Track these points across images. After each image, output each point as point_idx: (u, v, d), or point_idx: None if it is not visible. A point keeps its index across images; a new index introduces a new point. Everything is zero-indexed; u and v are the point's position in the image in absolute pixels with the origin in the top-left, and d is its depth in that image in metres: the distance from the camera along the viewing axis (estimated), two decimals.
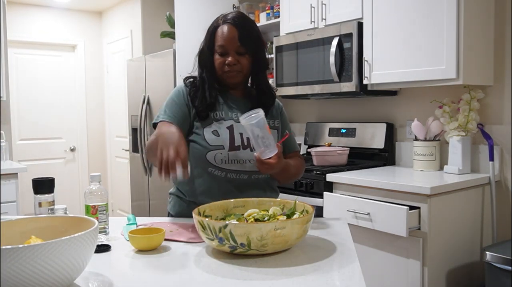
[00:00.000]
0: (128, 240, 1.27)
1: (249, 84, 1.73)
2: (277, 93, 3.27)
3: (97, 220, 1.19)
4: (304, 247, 1.24)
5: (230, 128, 1.59)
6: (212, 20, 1.68)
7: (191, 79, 1.68)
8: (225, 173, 1.57)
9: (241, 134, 1.59)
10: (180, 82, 1.74)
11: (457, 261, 2.35)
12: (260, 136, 1.42)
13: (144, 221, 1.55)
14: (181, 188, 1.67)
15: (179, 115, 1.58)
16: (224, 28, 1.58)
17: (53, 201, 1.42)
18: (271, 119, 1.69)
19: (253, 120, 1.40)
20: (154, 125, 1.58)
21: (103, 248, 1.23)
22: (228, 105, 1.65)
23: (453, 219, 2.32)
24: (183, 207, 1.65)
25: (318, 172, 2.68)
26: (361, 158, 3.07)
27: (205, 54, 1.63)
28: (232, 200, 1.39)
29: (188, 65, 1.79)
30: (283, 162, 1.52)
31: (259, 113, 1.43)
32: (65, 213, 1.48)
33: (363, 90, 2.77)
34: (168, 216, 1.72)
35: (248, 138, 1.57)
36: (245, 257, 1.14)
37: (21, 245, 0.83)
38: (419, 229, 2.20)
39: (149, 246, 1.22)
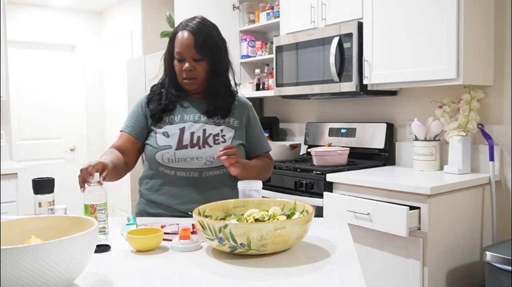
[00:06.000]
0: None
1: None
2: (277, 93, 3.30)
3: (96, 219, 1.20)
4: (304, 247, 1.24)
5: (182, 129, 1.65)
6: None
7: (155, 86, 1.78)
8: (174, 171, 1.63)
9: (192, 133, 1.64)
10: None
11: (457, 261, 2.35)
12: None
13: (144, 221, 1.55)
14: (142, 188, 1.75)
15: (136, 125, 1.70)
16: (182, 35, 1.65)
17: (53, 201, 1.42)
18: (232, 118, 1.72)
19: (251, 186, 1.48)
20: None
21: (103, 248, 1.23)
22: (184, 108, 1.70)
23: (453, 219, 2.32)
24: (143, 206, 1.73)
25: (318, 172, 2.68)
26: (361, 158, 3.07)
27: (166, 60, 1.71)
28: (232, 200, 1.39)
29: None
30: (243, 163, 1.60)
31: (258, 184, 1.49)
32: (65, 213, 1.48)
33: (363, 90, 2.77)
34: None
35: (198, 137, 1.64)
36: (245, 257, 1.14)
37: (21, 245, 0.83)
38: (419, 229, 2.20)
39: (147, 246, 1.22)
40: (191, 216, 1.58)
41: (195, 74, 1.65)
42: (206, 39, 1.63)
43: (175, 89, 1.71)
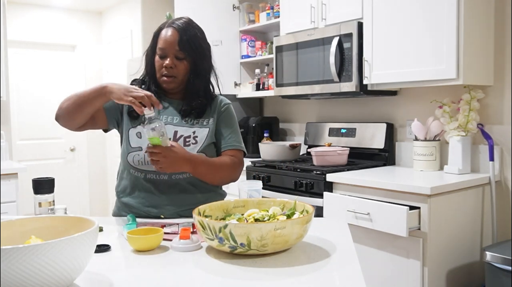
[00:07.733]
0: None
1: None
2: (277, 93, 3.30)
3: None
4: (304, 247, 1.24)
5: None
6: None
7: (136, 80, 1.75)
8: (144, 174, 1.62)
9: None
10: None
11: (457, 261, 2.35)
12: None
13: (144, 221, 1.55)
14: (116, 190, 1.74)
15: (110, 106, 1.67)
16: (166, 32, 1.63)
17: (53, 201, 1.42)
18: (206, 117, 1.68)
19: (252, 187, 1.53)
20: None
21: (103, 248, 1.23)
22: (161, 108, 1.66)
23: (453, 219, 2.32)
24: (118, 209, 1.72)
25: (318, 172, 2.68)
26: (361, 158, 3.07)
27: (148, 56, 1.69)
28: (232, 200, 1.39)
29: None
30: (190, 157, 1.52)
31: (258, 184, 1.54)
32: (65, 213, 1.48)
33: (363, 90, 2.77)
34: None
35: (169, 139, 1.60)
36: (245, 257, 1.14)
37: (21, 245, 0.82)
38: (419, 229, 2.20)
39: (147, 246, 1.22)
40: (164, 218, 1.59)
41: (175, 72, 1.62)
42: (191, 38, 1.62)
43: (154, 87, 1.68)
